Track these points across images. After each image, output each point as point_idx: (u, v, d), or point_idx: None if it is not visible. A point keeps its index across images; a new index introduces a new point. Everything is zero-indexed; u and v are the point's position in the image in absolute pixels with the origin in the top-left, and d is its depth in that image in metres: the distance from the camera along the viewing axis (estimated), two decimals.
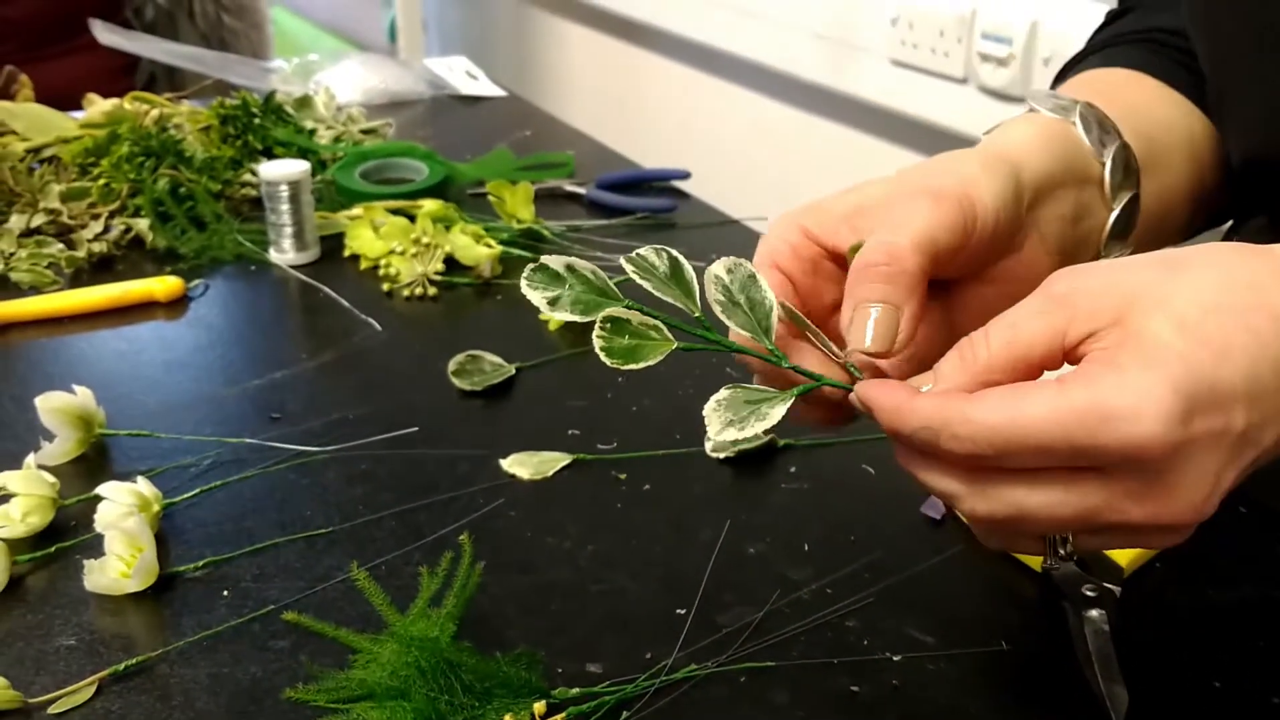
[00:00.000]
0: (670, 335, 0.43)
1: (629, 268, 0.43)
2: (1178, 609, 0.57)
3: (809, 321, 0.45)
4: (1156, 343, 0.37)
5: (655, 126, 2.16)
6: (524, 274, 0.43)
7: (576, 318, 0.42)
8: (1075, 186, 0.51)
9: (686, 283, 0.44)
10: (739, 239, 1.00)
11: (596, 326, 0.42)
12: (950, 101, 1.44)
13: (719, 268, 0.44)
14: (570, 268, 0.43)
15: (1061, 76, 0.66)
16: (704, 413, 0.43)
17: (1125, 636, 0.53)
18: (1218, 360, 0.37)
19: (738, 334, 0.45)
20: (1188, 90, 0.60)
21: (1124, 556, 0.58)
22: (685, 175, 1.11)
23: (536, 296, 0.43)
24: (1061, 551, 0.48)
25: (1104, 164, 0.52)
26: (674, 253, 0.44)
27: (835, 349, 0.45)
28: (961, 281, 0.49)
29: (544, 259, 0.43)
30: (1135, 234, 0.54)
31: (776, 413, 0.43)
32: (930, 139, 1.52)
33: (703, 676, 0.52)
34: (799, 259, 0.47)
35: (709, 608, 0.56)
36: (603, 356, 0.42)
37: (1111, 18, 0.68)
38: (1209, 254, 0.40)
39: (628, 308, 0.43)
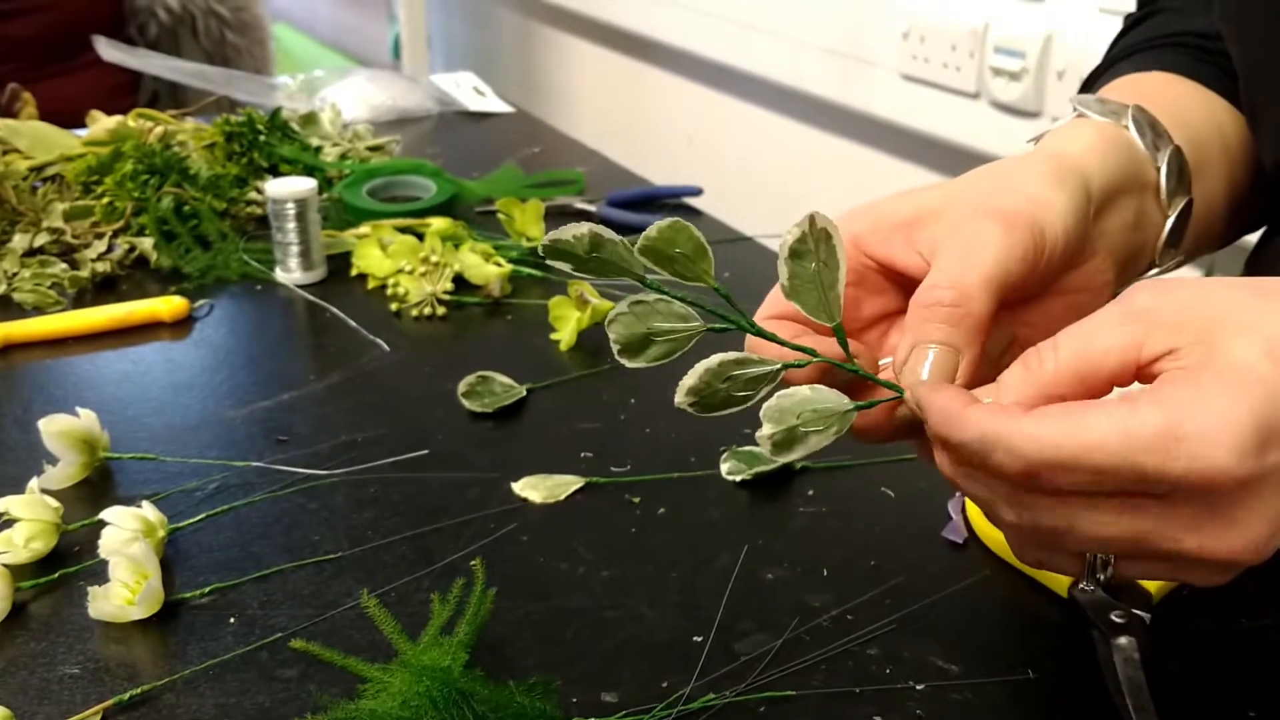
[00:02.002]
0: (696, 323, 0.42)
1: (639, 255, 0.41)
2: (1209, 636, 0.55)
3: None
4: (1242, 365, 0.35)
5: (661, 142, 2.15)
6: (541, 245, 0.42)
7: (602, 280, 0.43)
8: (1136, 193, 0.50)
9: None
10: (752, 256, 0.99)
11: (610, 316, 0.42)
12: (962, 116, 1.43)
13: (797, 229, 0.42)
14: (594, 234, 0.41)
15: (1090, 82, 0.65)
16: (759, 436, 0.41)
17: (1155, 665, 0.52)
18: None
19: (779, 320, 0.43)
20: (1225, 91, 0.59)
21: (1153, 583, 0.57)
22: (697, 192, 1.10)
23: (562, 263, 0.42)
24: (1101, 576, 0.46)
25: (1159, 169, 0.51)
26: (693, 228, 0.41)
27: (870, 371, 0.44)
28: (1022, 299, 0.47)
29: (561, 232, 0.42)
30: (1188, 240, 0.52)
31: (819, 440, 0.42)
32: (941, 154, 1.51)
33: (721, 706, 0.50)
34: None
35: (727, 635, 0.55)
36: (616, 349, 0.43)
37: (1133, 22, 0.67)
38: None
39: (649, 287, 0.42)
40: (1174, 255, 0.52)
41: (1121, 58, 0.63)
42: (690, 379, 0.42)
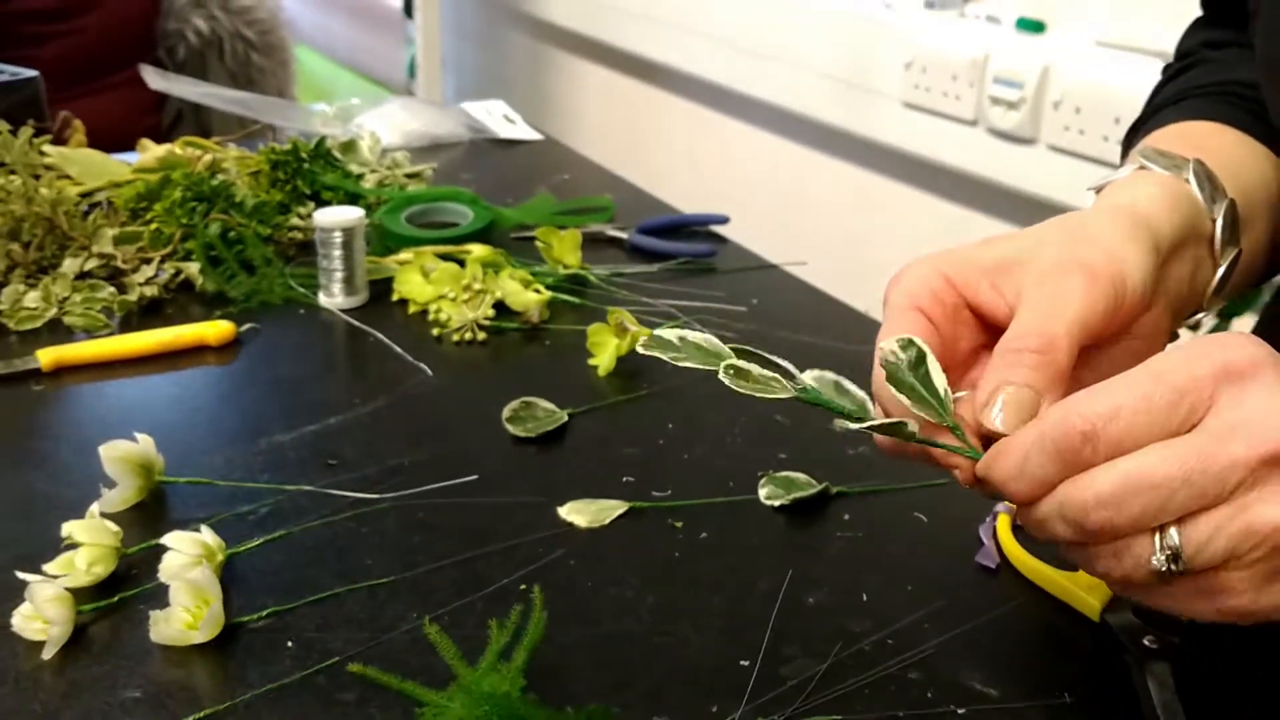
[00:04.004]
0: (788, 385, 0.45)
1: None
2: (1242, 661, 0.56)
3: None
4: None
5: (669, 165, 2.17)
6: (641, 343, 0.45)
7: (700, 367, 0.44)
8: (1194, 245, 0.52)
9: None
10: (778, 283, 1.01)
11: (721, 372, 0.44)
12: (961, 143, 1.46)
13: (892, 344, 0.45)
14: (683, 339, 0.44)
15: (1136, 129, 0.66)
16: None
17: (1189, 688, 0.52)
18: None
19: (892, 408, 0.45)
20: (1267, 141, 0.60)
21: None
22: (724, 220, 1.11)
23: (660, 353, 0.45)
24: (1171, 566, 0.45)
25: (1214, 221, 0.52)
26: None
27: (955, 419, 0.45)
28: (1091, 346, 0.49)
29: (659, 332, 0.45)
30: (1230, 288, 0.54)
31: None
32: (941, 179, 1.54)
33: None
34: (941, 304, 0.47)
35: (772, 660, 0.56)
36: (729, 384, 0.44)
37: (1174, 72, 0.68)
38: None
39: (745, 355, 0.44)
40: (1218, 301, 0.54)
41: (1166, 105, 0.64)
42: None
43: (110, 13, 1.95)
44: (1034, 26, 1.42)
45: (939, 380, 0.43)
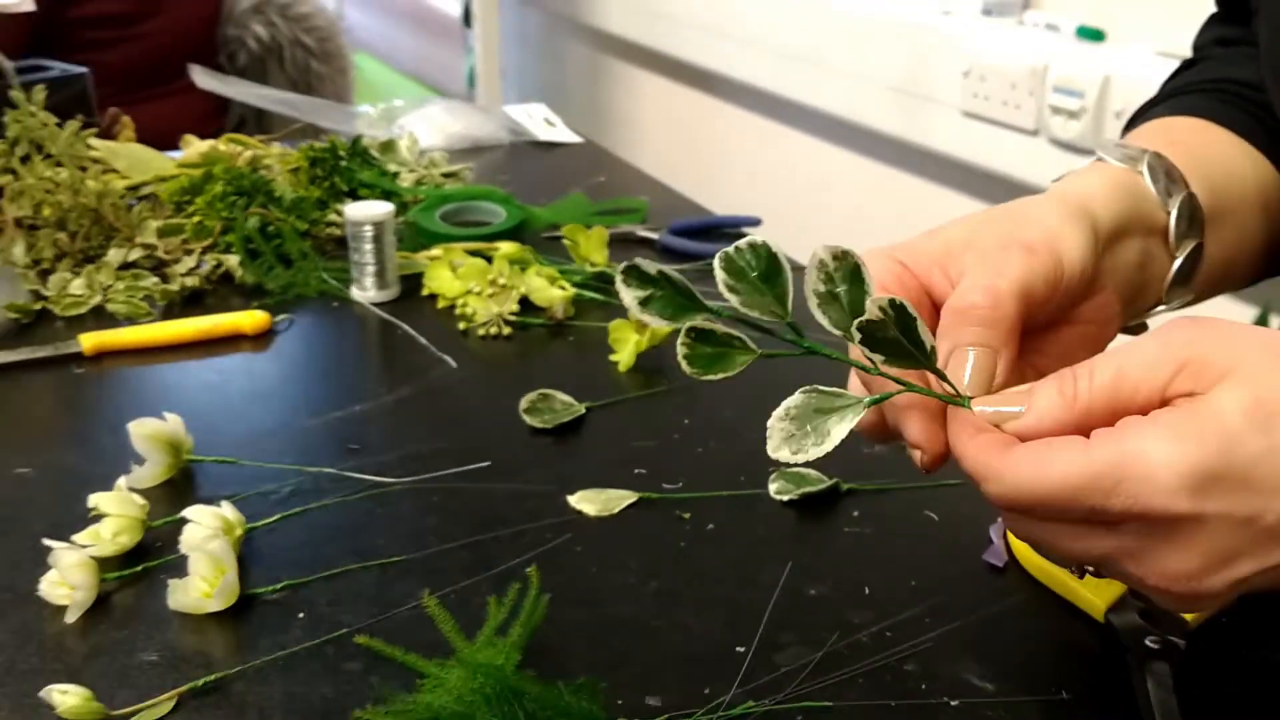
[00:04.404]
0: (754, 346, 0.43)
1: (719, 271, 0.42)
2: (1246, 666, 0.56)
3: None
4: (1213, 415, 0.37)
5: (726, 173, 2.18)
6: (619, 272, 0.42)
7: (663, 322, 0.42)
8: (1141, 235, 0.52)
9: (781, 285, 0.42)
10: None
11: (680, 336, 0.42)
12: (1021, 153, 1.45)
13: (825, 253, 0.42)
14: (661, 273, 0.42)
15: (1131, 124, 0.66)
16: (769, 424, 0.43)
17: (1190, 692, 0.53)
18: (1270, 450, 0.37)
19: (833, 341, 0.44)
20: (1258, 140, 0.60)
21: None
22: (756, 222, 1.13)
23: (629, 295, 0.42)
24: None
25: (1169, 213, 0.53)
26: (772, 247, 0.42)
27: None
28: (1038, 327, 0.50)
29: (637, 260, 0.42)
30: (1198, 282, 0.54)
31: (839, 431, 0.43)
32: (1000, 189, 1.53)
33: (760, 713, 0.53)
34: (905, 291, 0.48)
35: (768, 647, 0.57)
36: (684, 366, 0.43)
37: (1180, 68, 0.69)
38: None
39: (712, 316, 0.43)
40: (1183, 293, 0.55)
41: (1160, 101, 0.65)
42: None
43: (173, 19, 2.01)
44: (1094, 35, 1.40)
45: (926, 336, 0.42)
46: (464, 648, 0.52)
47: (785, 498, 0.69)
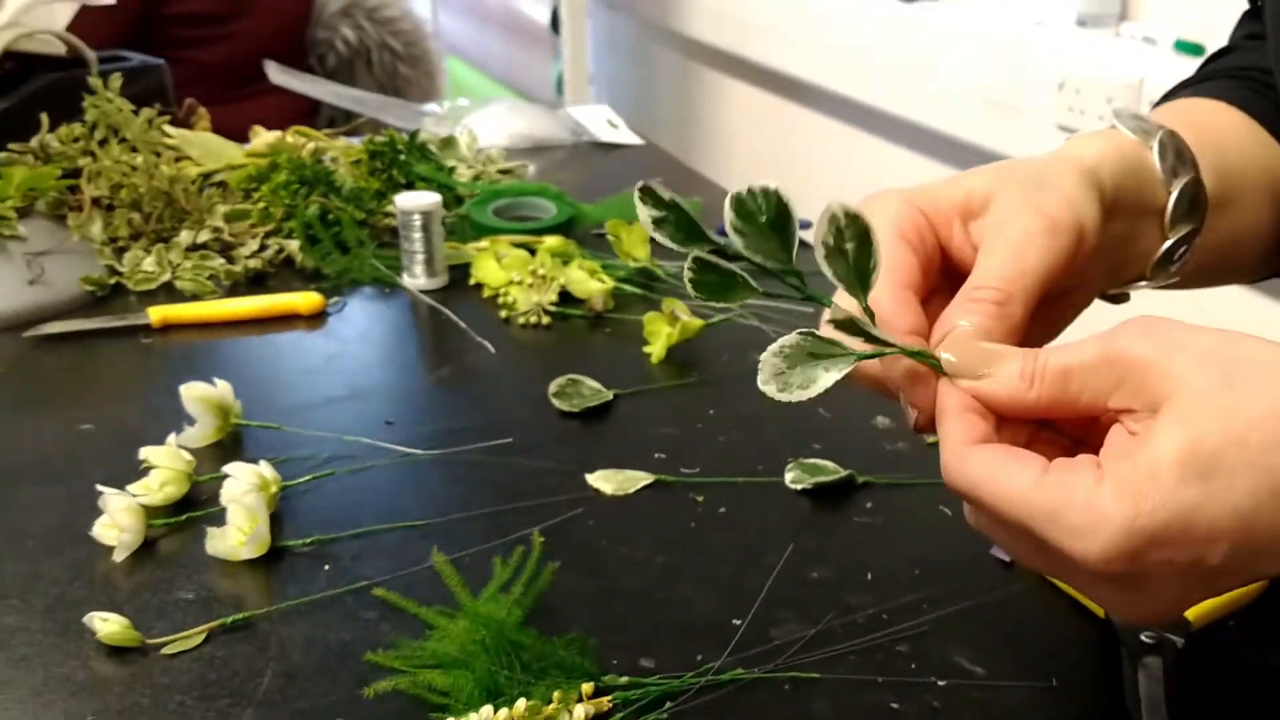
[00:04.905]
0: (754, 284, 0.43)
1: (728, 211, 0.41)
2: (1248, 670, 0.57)
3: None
4: (1150, 470, 0.37)
5: (810, 182, 2.18)
6: (636, 189, 0.42)
7: (674, 244, 0.42)
8: (1135, 212, 0.52)
9: (788, 234, 0.41)
10: None
11: (687, 262, 0.42)
12: None
13: (839, 208, 0.41)
14: (673, 200, 0.42)
15: (1159, 105, 0.66)
16: (762, 357, 0.43)
17: (1188, 692, 0.54)
18: (1208, 497, 0.36)
19: (840, 298, 0.43)
20: (1276, 127, 0.59)
21: (1193, 610, 0.58)
22: (806, 225, 1.14)
23: (644, 213, 0.42)
24: None
25: (1170, 194, 0.52)
26: (783, 195, 0.41)
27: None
28: None
29: (651, 182, 0.42)
30: (1187, 267, 0.54)
31: (826, 379, 0.43)
32: None
33: (748, 680, 0.55)
34: (923, 243, 0.47)
35: (764, 621, 0.59)
36: (690, 289, 0.42)
37: (1211, 57, 0.68)
38: (1273, 382, 0.37)
39: (715, 251, 0.42)
40: (1165, 275, 0.54)
41: (1188, 85, 0.64)
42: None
43: (264, 19, 2.08)
44: (1193, 49, 1.36)
45: (874, 261, 0.41)
46: (468, 601, 0.56)
47: (800, 486, 0.71)
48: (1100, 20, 1.46)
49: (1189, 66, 1.34)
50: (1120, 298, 0.56)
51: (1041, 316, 0.47)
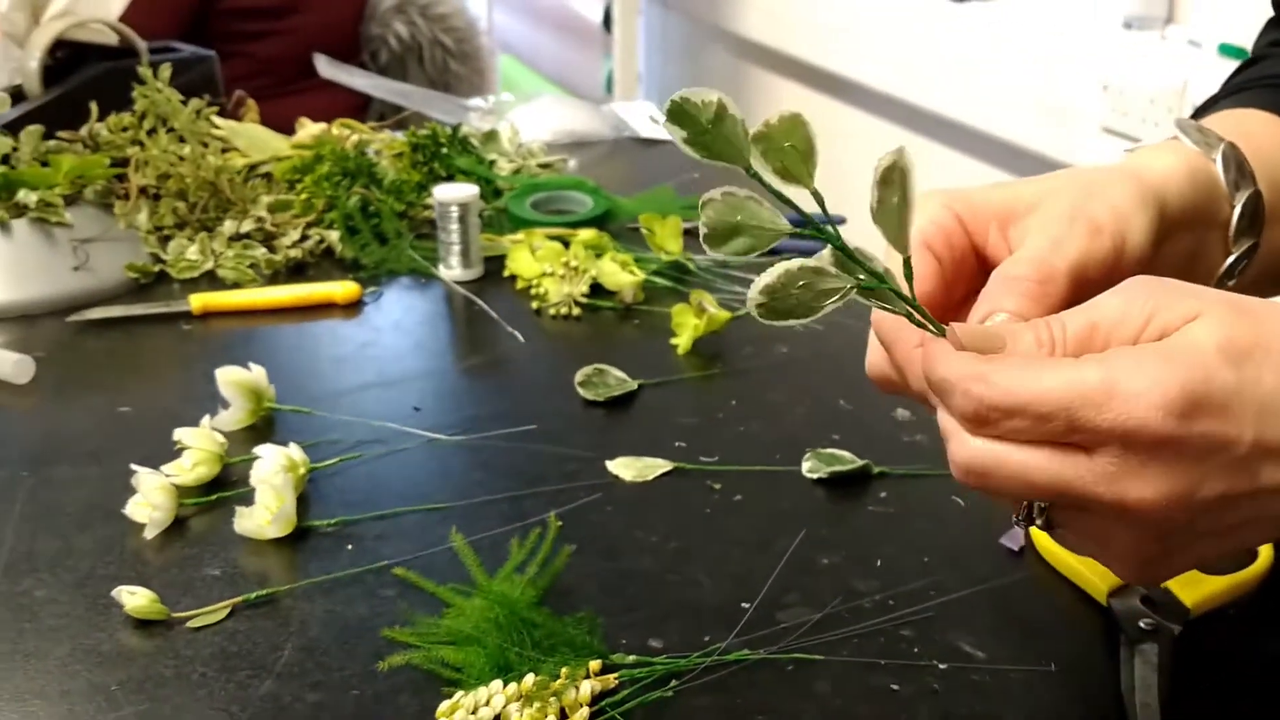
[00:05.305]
0: (784, 224, 0.41)
1: (756, 148, 0.39)
2: (1247, 660, 0.57)
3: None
4: (1192, 346, 0.38)
5: (857, 181, 2.18)
6: (665, 108, 0.40)
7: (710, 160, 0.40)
8: (1202, 227, 0.52)
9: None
10: None
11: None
12: None
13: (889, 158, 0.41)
14: (716, 120, 0.40)
15: (1196, 116, 0.66)
16: (756, 279, 0.41)
17: (1186, 680, 0.54)
18: (1243, 383, 0.38)
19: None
20: None
21: (1190, 597, 0.59)
22: (841, 221, 1.15)
23: (680, 128, 0.40)
24: (1037, 520, 0.45)
25: (1234, 208, 0.52)
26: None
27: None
28: None
29: (688, 94, 0.40)
30: (1247, 280, 0.54)
31: (818, 309, 0.41)
32: None
33: (753, 661, 0.56)
34: (950, 247, 0.47)
35: (771, 605, 0.60)
36: (704, 232, 0.41)
37: (1246, 64, 0.68)
38: None
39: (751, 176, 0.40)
40: (1225, 290, 0.53)
41: (1227, 95, 0.64)
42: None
43: (319, 15, 2.11)
44: (1238, 53, 1.35)
45: (913, 212, 0.41)
46: (483, 580, 0.58)
47: (816, 476, 0.72)
48: (1146, 23, 1.46)
49: (1226, 70, 1.33)
50: None
51: None
